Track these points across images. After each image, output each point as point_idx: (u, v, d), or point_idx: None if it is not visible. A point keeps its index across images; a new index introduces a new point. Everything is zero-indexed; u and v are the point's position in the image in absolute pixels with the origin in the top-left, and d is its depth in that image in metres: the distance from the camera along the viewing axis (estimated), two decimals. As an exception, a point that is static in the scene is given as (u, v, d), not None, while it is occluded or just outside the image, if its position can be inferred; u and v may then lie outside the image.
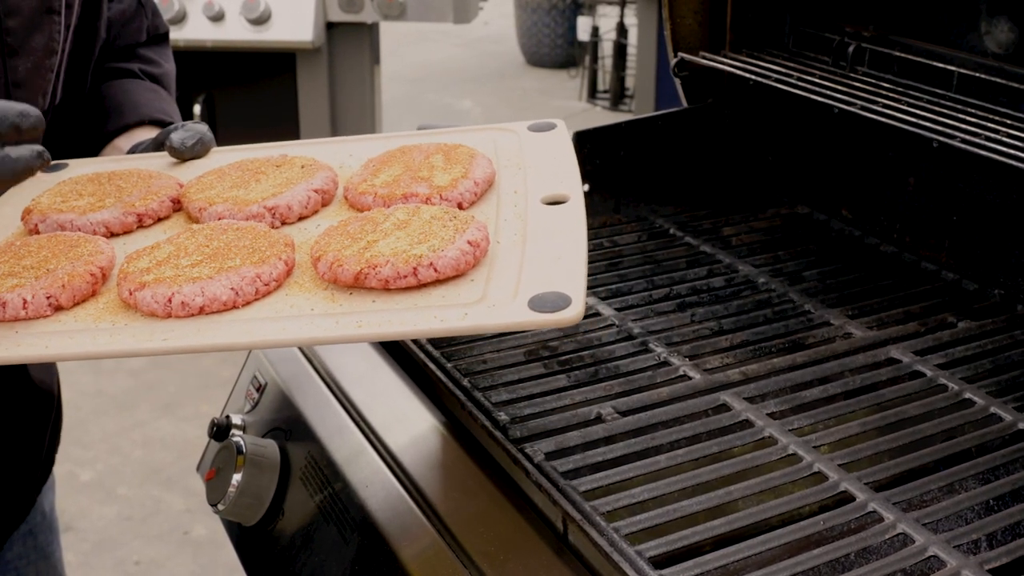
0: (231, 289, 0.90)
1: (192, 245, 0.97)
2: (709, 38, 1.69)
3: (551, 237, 0.95)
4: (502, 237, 0.97)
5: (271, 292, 0.93)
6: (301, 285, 0.94)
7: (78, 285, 0.94)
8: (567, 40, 8.10)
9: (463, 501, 1.08)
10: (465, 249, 0.90)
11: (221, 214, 1.05)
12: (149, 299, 0.90)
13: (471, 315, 0.86)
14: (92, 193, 1.10)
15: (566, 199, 1.01)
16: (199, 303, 0.89)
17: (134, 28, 1.41)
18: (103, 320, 0.92)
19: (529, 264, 0.91)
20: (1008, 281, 1.37)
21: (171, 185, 1.12)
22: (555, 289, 0.86)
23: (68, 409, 3.77)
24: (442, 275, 0.89)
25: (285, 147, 1.23)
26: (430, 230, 0.93)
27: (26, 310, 0.91)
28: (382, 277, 0.89)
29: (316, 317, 0.88)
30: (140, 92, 1.37)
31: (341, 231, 0.97)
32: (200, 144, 1.21)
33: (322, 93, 3.48)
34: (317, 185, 1.08)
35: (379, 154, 1.14)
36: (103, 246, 1.00)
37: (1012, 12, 1.37)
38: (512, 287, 0.88)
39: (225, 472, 1.27)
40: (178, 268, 0.93)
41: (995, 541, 0.93)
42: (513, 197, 1.04)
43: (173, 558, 3.03)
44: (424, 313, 0.87)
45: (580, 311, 0.84)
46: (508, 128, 1.19)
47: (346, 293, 0.91)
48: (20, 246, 1.00)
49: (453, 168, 1.06)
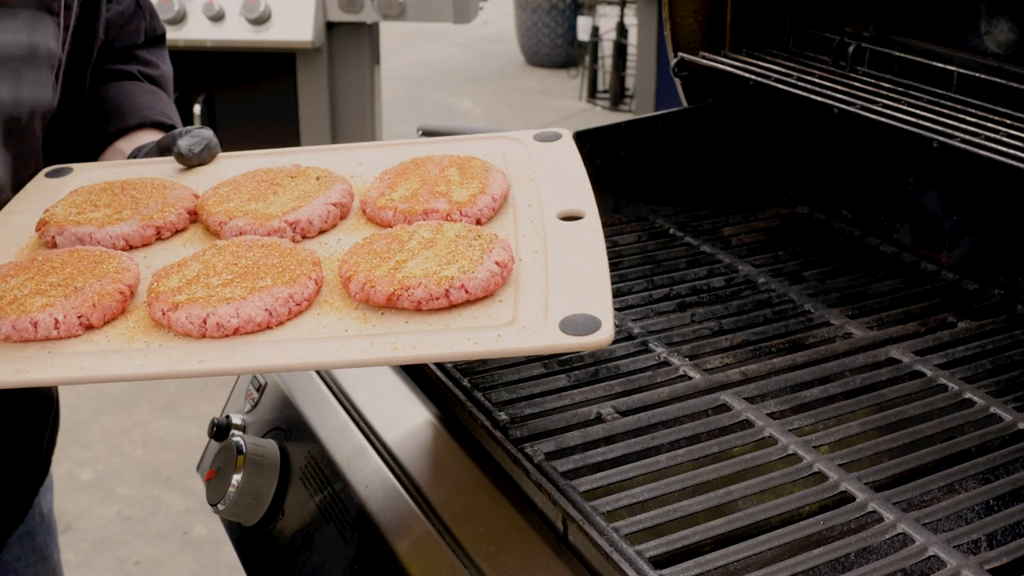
0: (265, 310, 0.91)
1: (220, 263, 0.97)
2: (709, 38, 1.69)
3: (572, 255, 0.97)
4: (523, 254, 0.99)
5: (303, 312, 0.94)
6: (332, 304, 0.95)
7: (108, 304, 0.94)
8: (567, 40, 8.10)
9: (463, 501, 1.08)
10: (494, 271, 0.92)
11: (242, 229, 1.06)
12: (184, 320, 0.90)
13: (504, 338, 0.87)
14: (108, 204, 1.10)
15: (582, 215, 1.03)
16: (234, 324, 0.90)
17: (132, 30, 1.41)
18: (136, 340, 0.92)
19: (554, 284, 0.93)
20: (1008, 281, 1.37)
21: (187, 196, 1.13)
22: (583, 311, 0.88)
23: (68, 409, 3.77)
24: (472, 296, 0.91)
25: (293, 154, 1.23)
26: (457, 250, 0.94)
27: (58, 330, 0.91)
28: (415, 299, 0.90)
29: (351, 338, 0.89)
30: (140, 94, 1.37)
31: (367, 249, 0.98)
32: (207, 150, 1.21)
33: (322, 93, 3.48)
34: (335, 199, 1.09)
35: (392, 166, 1.15)
36: (128, 262, 1.00)
37: (1012, 12, 1.37)
38: (541, 308, 0.90)
39: (225, 472, 1.27)
40: (209, 288, 0.93)
41: (995, 541, 0.93)
42: (528, 212, 1.06)
43: (173, 558, 3.03)
44: (458, 335, 0.88)
45: (610, 334, 0.86)
46: (514, 137, 1.21)
47: (378, 313, 0.92)
48: (43, 262, 1.00)
49: (470, 183, 1.08)
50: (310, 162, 1.18)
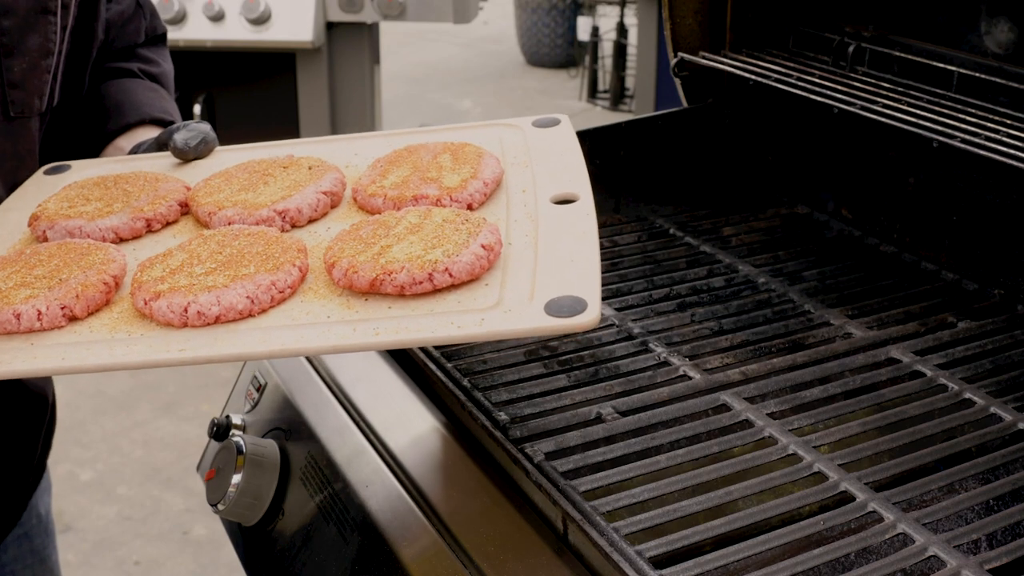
0: (247, 298, 0.90)
1: (205, 252, 0.96)
2: (709, 38, 1.69)
3: (562, 238, 0.95)
4: (513, 238, 0.97)
5: (286, 299, 0.92)
6: (316, 291, 0.93)
7: (92, 295, 0.93)
8: (567, 40, 8.10)
9: (463, 501, 1.08)
10: (479, 254, 0.90)
11: (231, 218, 1.05)
12: (165, 309, 0.90)
13: (488, 321, 0.85)
14: (99, 198, 1.09)
15: (575, 198, 1.01)
16: (215, 312, 0.89)
17: (132, 29, 1.41)
18: (118, 330, 0.91)
19: (542, 267, 0.91)
20: (1008, 281, 1.37)
21: (178, 188, 1.12)
22: (570, 293, 0.86)
23: (68, 409, 3.76)
24: (457, 280, 0.89)
25: (289, 146, 1.22)
26: (443, 234, 0.93)
27: (40, 321, 0.91)
28: (398, 283, 0.89)
29: (333, 324, 0.88)
30: (140, 91, 1.37)
31: (353, 236, 0.96)
32: (203, 144, 1.21)
33: (322, 93, 3.48)
34: (326, 187, 1.08)
35: (386, 154, 1.14)
36: (114, 253, 0.99)
37: (1012, 12, 1.37)
38: (527, 291, 0.88)
39: (225, 472, 1.27)
40: (192, 276, 0.92)
41: (995, 541, 0.93)
42: (522, 196, 1.04)
43: (173, 558, 3.03)
44: (441, 319, 0.86)
45: (596, 316, 0.84)
46: (513, 124, 1.19)
47: (361, 299, 0.91)
48: (30, 255, 0.99)
49: (462, 168, 1.06)
50: (306, 153, 1.17)
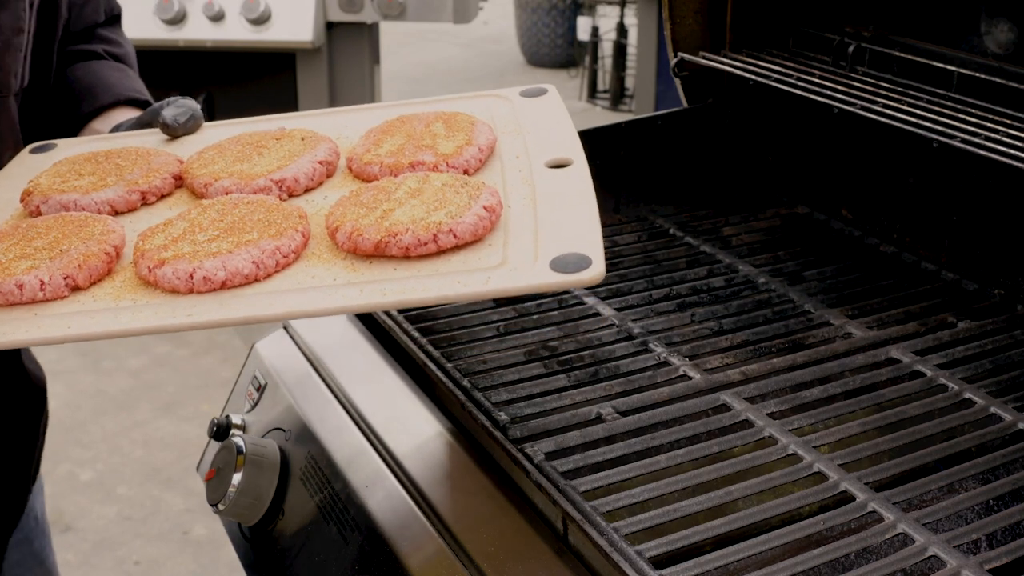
0: (252, 262, 0.90)
1: (206, 220, 0.97)
2: (709, 38, 1.69)
3: (561, 200, 0.96)
4: (512, 201, 0.98)
5: (290, 264, 0.93)
6: (319, 256, 0.94)
7: (94, 264, 0.93)
8: (567, 40, 8.10)
9: (463, 501, 1.08)
10: (482, 214, 0.91)
11: (228, 188, 1.05)
12: (171, 275, 0.89)
13: (494, 279, 0.86)
14: (92, 172, 1.09)
15: (569, 163, 1.03)
16: (221, 277, 0.89)
17: (91, 8, 1.41)
18: (123, 299, 0.91)
19: (544, 227, 0.92)
20: (1008, 281, 1.37)
21: (171, 162, 1.12)
22: (574, 250, 0.87)
23: (68, 409, 3.76)
24: (461, 240, 0.90)
25: (279, 120, 1.23)
26: (444, 197, 0.94)
27: (43, 291, 0.90)
28: (403, 245, 0.89)
29: (340, 287, 0.88)
30: (109, 73, 1.37)
31: (354, 201, 0.97)
32: (192, 120, 1.21)
33: (322, 93, 3.48)
34: (321, 157, 1.08)
35: (378, 124, 1.14)
36: (113, 224, 0.99)
37: (1012, 12, 1.37)
38: (531, 250, 0.89)
39: (225, 472, 1.27)
40: (196, 244, 0.92)
41: (995, 541, 0.93)
42: (516, 162, 1.05)
43: (173, 558, 3.03)
44: (447, 279, 0.87)
45: (601, 271, 0.85)
46: (500, 95, 1.21)
47: (366, 263, 0.91)
48: (27, 228, 0.99)
49: (456, 135, 1.07)
50: (297, 125, 1.18)
